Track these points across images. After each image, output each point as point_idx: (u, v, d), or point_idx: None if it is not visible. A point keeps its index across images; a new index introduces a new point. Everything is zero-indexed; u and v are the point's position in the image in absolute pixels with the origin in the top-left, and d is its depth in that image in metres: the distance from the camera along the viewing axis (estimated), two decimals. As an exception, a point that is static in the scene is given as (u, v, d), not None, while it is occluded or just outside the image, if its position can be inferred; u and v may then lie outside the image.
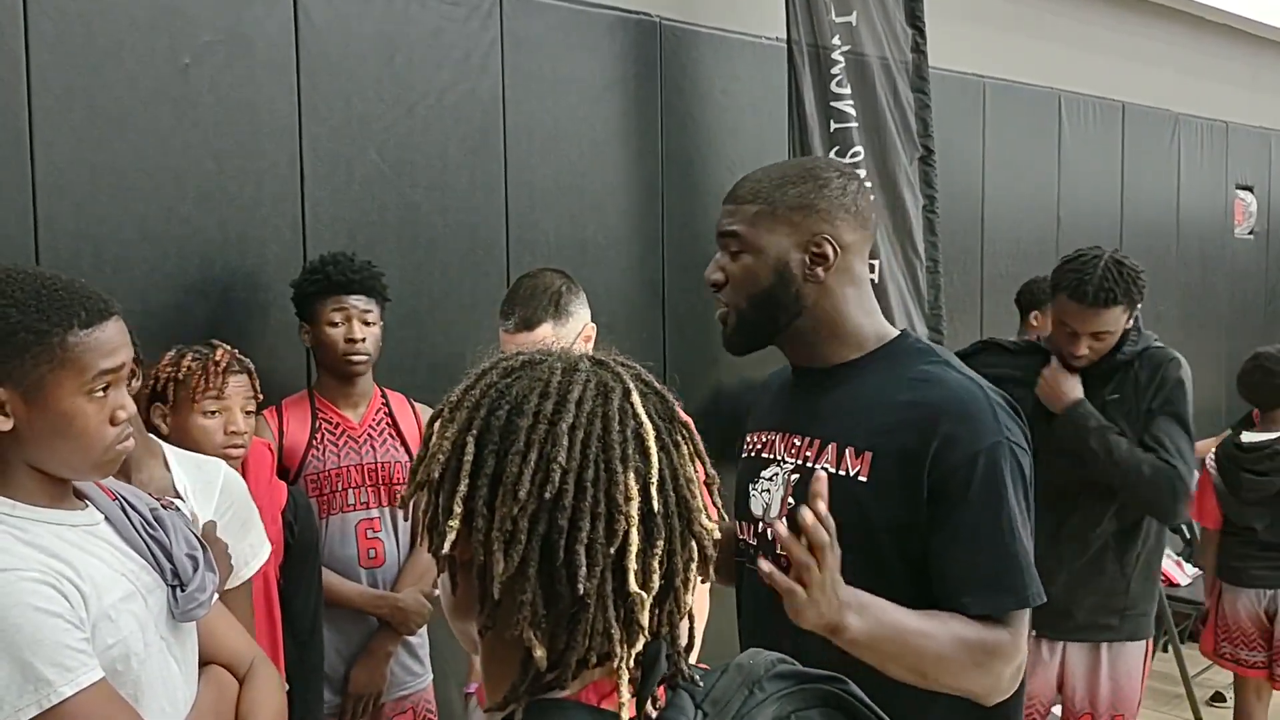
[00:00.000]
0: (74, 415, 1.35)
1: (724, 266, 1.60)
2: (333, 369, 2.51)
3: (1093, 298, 2.56)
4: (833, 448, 1.54)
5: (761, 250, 1.56)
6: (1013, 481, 1.48)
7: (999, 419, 1.50)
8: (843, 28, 3.59)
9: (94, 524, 1.43)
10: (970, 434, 1.47)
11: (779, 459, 1.62)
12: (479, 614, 0.84)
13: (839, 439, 1.54)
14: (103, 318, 1.37)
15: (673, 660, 0.86)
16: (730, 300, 1.60)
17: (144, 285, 2.45)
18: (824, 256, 1.55)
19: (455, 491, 0.83)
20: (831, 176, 1.58)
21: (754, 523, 1.65)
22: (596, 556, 0.80)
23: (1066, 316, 2.63)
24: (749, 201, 1.58)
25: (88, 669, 1.29)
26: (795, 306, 1.58)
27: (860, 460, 1.51)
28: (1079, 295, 2.58)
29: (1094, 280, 2.57)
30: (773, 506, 1.60)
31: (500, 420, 0.84)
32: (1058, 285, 2.66)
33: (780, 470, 1.61)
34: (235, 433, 2.14)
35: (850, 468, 1.52)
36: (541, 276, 2.31)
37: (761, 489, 1.63)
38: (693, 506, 0.85)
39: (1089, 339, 2.62)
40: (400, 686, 2.58)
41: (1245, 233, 6.28)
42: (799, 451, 1.59)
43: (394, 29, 2.88)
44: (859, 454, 1.51)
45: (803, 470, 1.57)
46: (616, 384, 0.86)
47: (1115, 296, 2.57)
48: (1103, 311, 2.58)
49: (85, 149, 2.38)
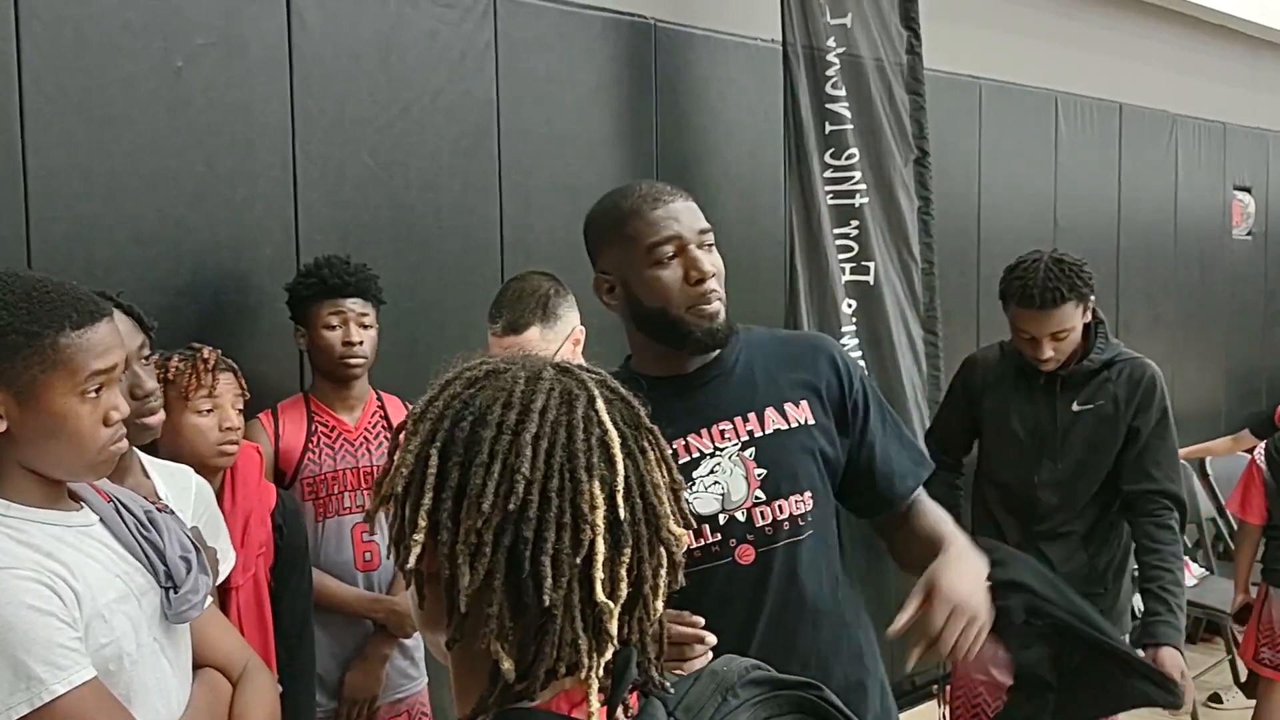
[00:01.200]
0: (67, 416, 1.36)
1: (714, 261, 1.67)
2: (329, 372, 2.51)
3: (1040, 300, 2.62)
4: (771, 411, 1.67)
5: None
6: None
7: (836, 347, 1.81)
8: (838, 30, 3.58)
9: (89, 525, 1.44)
10: (851, 361, 1.77)
11: (709, 451, 1.66)
12: (446, 626, 0.83)
13: (772, 401, 1.68)
14: (94, 319, 1.38)
15: (644, 667, 0.85)
16: (719, 293, 1.66)
17: (136, 287, 2.43)
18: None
19: (420, 505, 0.83)
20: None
21: (708, 521, 1.65)
22: (562, 567, 0.80)
23: (1022, 324, 2.69)
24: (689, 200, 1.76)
25: (80, 668, 1.30)
26: None
27: (799, 409, 1.68)
28: (1027, 300, 2.64)
29: (1038, 283, 2.62)
30: (734, 490, 1.65)
31: (464, 432, 0.83)
32: (1006, 297, 2.72)
33: (722, 457, 1.66)
34: (230, 429, 2.15)
35: (797, 417, 1.68)
36: (529, 279, 2.31)
37: (706, 485, 1.66)
38: (660, 513, 0.85)
39: (1049, 341, 2.67)
40: (395, 690, 2.58)
41: (1243, 233, 6.27)
42: (735, 432, 1.67)
43: (388, 31, 2.88)
44: (797, 403, 1.68)
45: (756, 442, 1.66)
46: (581, 391, 0.85)
47: (1062, 294, 2.62)
48: (1054, 311, 2.63)
49: (77, 151, 2.38)
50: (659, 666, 0.87)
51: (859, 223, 3.62)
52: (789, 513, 1.65)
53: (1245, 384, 6.16)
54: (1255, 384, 6.15)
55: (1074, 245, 5.06)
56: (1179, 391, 5.74)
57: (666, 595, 0.85)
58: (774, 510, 1.65)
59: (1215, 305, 6.02)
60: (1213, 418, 5.92)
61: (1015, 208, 4.75)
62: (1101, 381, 2.72)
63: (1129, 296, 5.35)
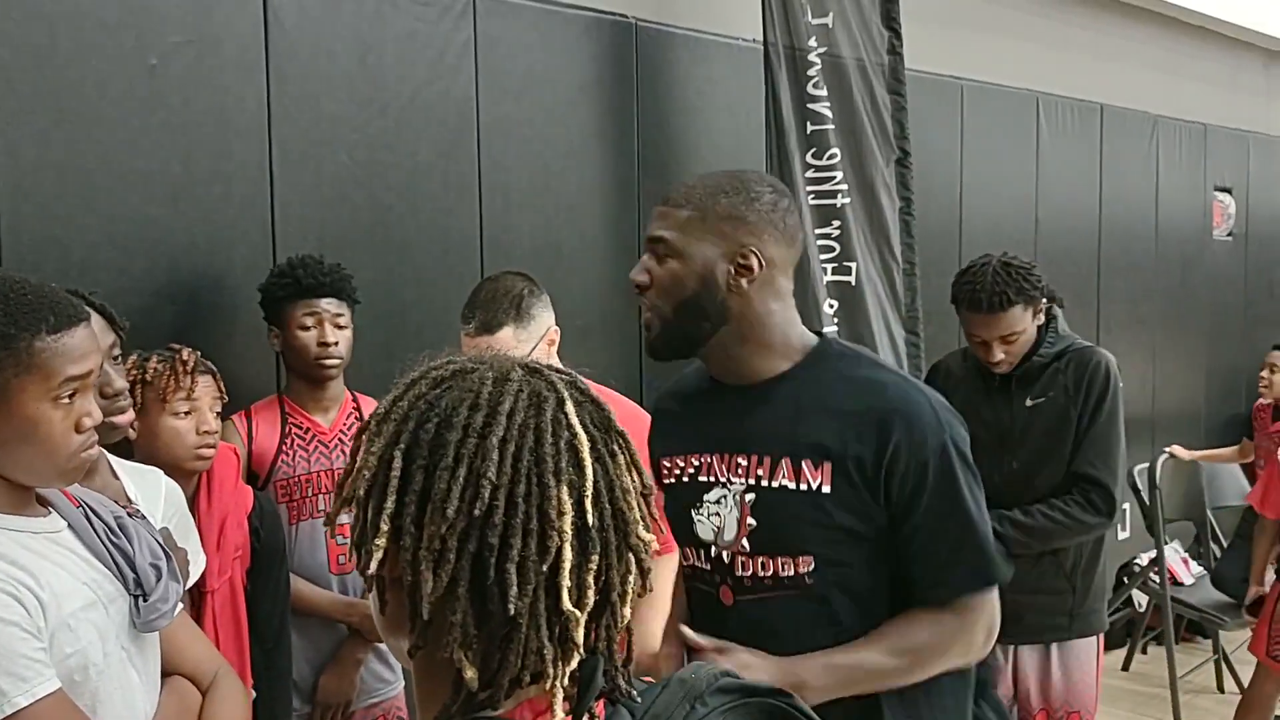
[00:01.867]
0: (39, 421, 1.33)
1: (650, 269, 1.60)
2: (304, 374, 2.49)
3: (988, 304, 2.66)
4: (787, 463, 1.55)
5: (689, 257, 1.56)
6: (963, 474, 1.54)
7: (940, 418, 1.54)
8: (819, 29, 3.58)
9: (56, 531, 1.42)
10: (921, 437, 1.51)
11: (723, 480, 1.61)
12: (409, 633, 0.82)
13: (791, 453, 1.54)
14: (71, 324, 1.36)
15: (611, 676, 0.84)
16: (654, 305, 1.60)
17: (111, 288, 2.41)
18: (749, 269, 1.56)
19: (382, 508, 0.81)
20: (764, 191, 1.59)
21: (704, 547, 1.63)
22: (529, 574, 0.78)
23: (972, 328, 2.74)
24: (681, 206, 1.58)
25: (44, 679, 1.28)
26: (719, 316, 1.58)
27: (820, 472, 1.52)
28: (975, 305, 2.68)
29: (986, 287, 2.66)
30: (727, 529, 1.59)
31: (428, 434, 0.81)
32: (957, 301, 2.76)
33: (728, 492, 1.60)
34: (208, 432, 2.13)
35: (811, 481, 1.52)
36: (503, 279, 2.29)
37: (709, 513, 1.62)
38: (630, 519, 0.83)
39: (1000, 344, 2.70)
40: (371, 694, 2.56)
41: (1224, 235, 6.29)
42: (747, 470, 1.58)
43: (366, 29, 2.86)
44: (817, 465, 1.53)
45: (758, 490, 1.57)
46: (550, 393, 0.84)
47: (1009, 298, 2.65)
48: (1001, 315, 2.67)
49: (50, 150, 2.35)
50: (626, 674, 0.85)
51: (840, 223, 3.62)
52: (773, 571, 1.55)
53: (1226, 384, 6.18)
54: (1236, 384, 6.18)
55: (1055, 245, 5.09)
56: (1160, 392, 5.77)
57: (632, 603, 0.84)
58: (755, 565, 1.57)
59: (1196, 306, 6.04)
60: (1193, 418, 5.94)
61: (997, 208, 4.76)
62: (1053, 374, 2.75)
63: (1110, 297, 5.36)
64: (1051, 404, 2.71)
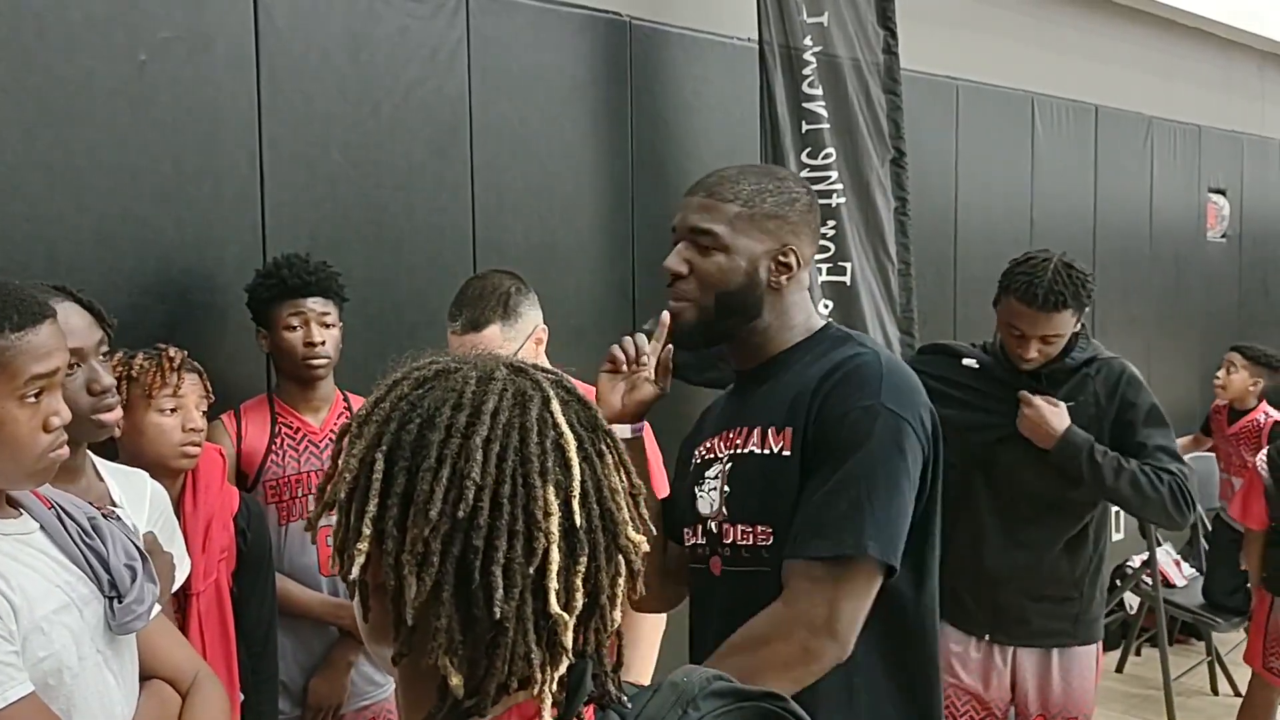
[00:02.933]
0: (4, 421, 1.32)
1: (690, 259, 1.62)
2: (292, 374, 2.47)
3: (1042, 301, 2.56)
4: (757, 430, 1.58)
5: (736, 252, 1.59)
6: (881, 447, 1.47)
7: (883, 386, 1.50)
8: (814, 28, 3.57)
9: (28, 533, 1.39)
10: (846, 394, 1.50)
11: (719, 456, 1.65)
12: (393, 640, 0.80)
13: (762, 421, 1.59)
14: (35, 321, 1.33)
15: (600, 680, 0.82)
16: (693, 295, 1.62)
17: (99, 287, 2.38)
18: (789, 266, 1.61)
19: (364, 512, 0.79)
20: (801, 192, 1.65)
21: (701, 522, 1.65)
22: (515, 577, 0.76)
23: (1016, 320, 2.63)
24: (729, 201, 1.60)
25: (15, 683, 1.26)
26: (755, 310, 1.62)
27: (781, 436, 1.55)
28: (1029, 298, 2.58)
29: (1044, 284, 2.56)
30: (715, 500, 1.62)
31: (411, 435, 0.79)
32: (1007, 288, 2.65)
33: (720, 465, 1.63)
34: (193, 430, 2.10)
35: (774, 445, 1.55)
36: (490, 278, 2.27)
37: (708, 488, 1.64)
38: (618, 519, 0.81)
39: (1038, 342, 2.62)
40: (361, 697, 2.53)
41: (1218, 236, 6.30)
42: (731, 442, 1.63)
43: (358, 26, 2.83)
44: (780, 430, 1.56)
45: (735, 458, 1.61)
46: (535, 392, 0.82)
47: (1065, 300, 2.57)
48: (1053, 315, 2.58)
49: (38, 147, 2.33)
50: (616, 679, 0.83)
51: (836, 223, 3.61)
52: (751, 542, 1.56)
53: (1220, 386, 6.18)
54: (1230, 386, 6.18)
55: (1050, 246, 5.06)
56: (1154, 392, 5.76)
57: (621, 605, 0.82)
58: (735, 532, 1.59)
59: (1190, 307, 6.04)
60: (1188, 418, 5.93)
61: (992, 208, 4.75)
62: (1082, 379, 2.69)
63: (1104, 297, 5.35)
64: (1081, 409, 2.66)
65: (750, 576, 1.56)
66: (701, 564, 1.65)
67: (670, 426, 2.28)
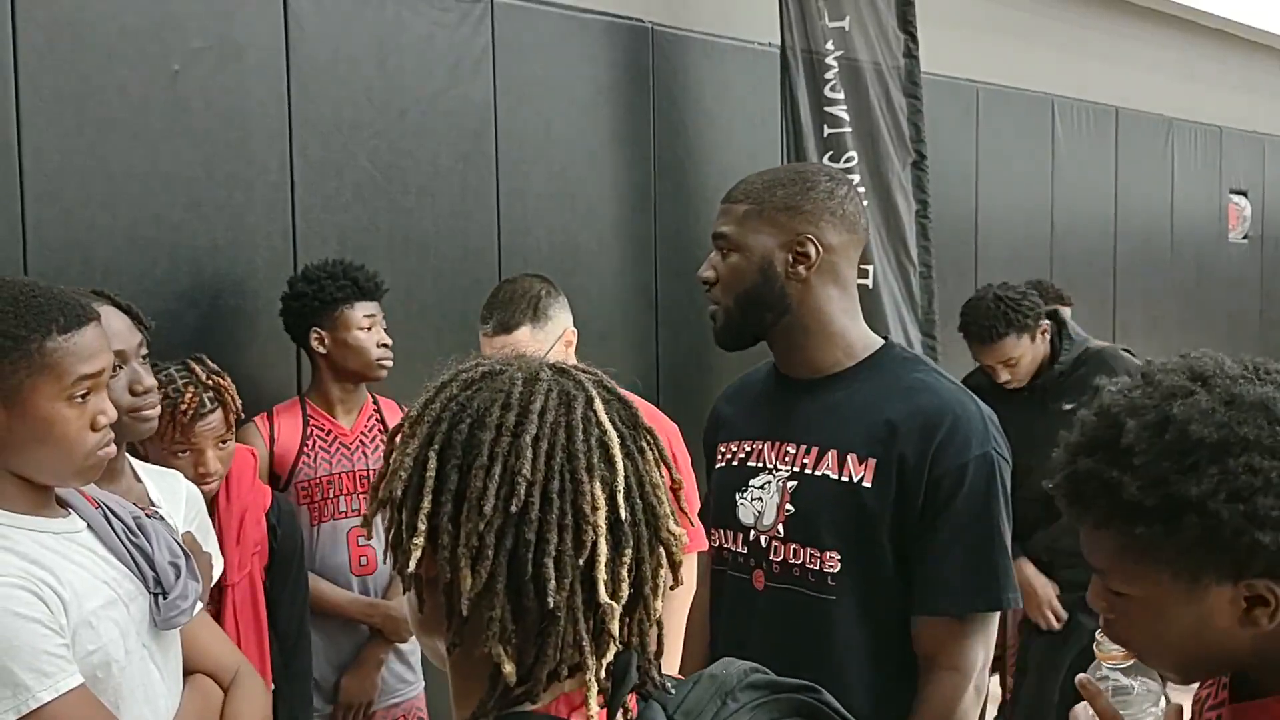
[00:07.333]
0: (54, 421, 1.35)
1: (715, 265, 1.66)
2: (355, 374, 2.49)
3: (980, 335, 2.92)
4: (833, 454, 1.58)
5: (748, 249, 1.61)
6: (999, 491, 1.55)
7: (989, 429, 1.56)
8: (836, 33, 3.59)
9: (76, 531, 1.43)
10: (963, 443, 1.52)
11: (770, 466, 1.64)
12: (446, 631, 0.83)
13: (838, 445, 1.58)
14: (81, 323, 1.37)
15: (643, 670, 0.85)
16: (719, 299, 1.66)
17: (133, 292, 2.41)
18: (806, 255, 1.60)
19: (419, 509, 0.82)
20: (820, 180, 1.63)
21: (743, 531, 1.66)
22: (565, 568, 0.80)
23: (974, 355, 3.03)
24: (739, 202, 1.64)
25: (67, 675, 1.30)
26: (781, 306, 1.62)
27: (864, 466, 1.55)
28: (969, 335, 2.98)
29: (978, 320, 2.93)
30: (767, 514, 1.62)
31: (462, 434, 0.83)
32: (961, 329, 3.05)
33: (774, 478, 1.63)
34: (205, 474, 2.07)
35: (854, 474, 1.56)
36: (521, 281, 2.31)
37: (752, 497, 1.65)
38: (660, 513, 0.85)
39: (1003, 368, 2.96)
40: (392, 694, 2.57)
41: (1240, 237, 6.28)
42: (794, 459, 1.62)
43: (385, 34, 2.87)
44: (862, 460, 1.55)
45: (800, 477, 1.60)
46: (579, 392, 0.85)
47: (998, 330, 2.91)
48: (995, 344, 2.92)
49: (74, 156, 2.37)
50: (658, 669, 0.86)
51: (857, 226, 3.62)
52: (802, 562, 1.57)
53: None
54: (1252, 387, 6.16)
55: (1071, 248, 5.09)
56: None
57: (664, 596, 0.85)
58: (788, 551, 1.59)
59: (1212, 308, 6.02)
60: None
61: (1013, 212, 4.75)
62: (1078, 379, 2.86)
63: (1126, 299, 5.35)
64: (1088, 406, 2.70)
65: (796, 595, 1.58)
66: (742, 574, 1.65)
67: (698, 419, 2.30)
